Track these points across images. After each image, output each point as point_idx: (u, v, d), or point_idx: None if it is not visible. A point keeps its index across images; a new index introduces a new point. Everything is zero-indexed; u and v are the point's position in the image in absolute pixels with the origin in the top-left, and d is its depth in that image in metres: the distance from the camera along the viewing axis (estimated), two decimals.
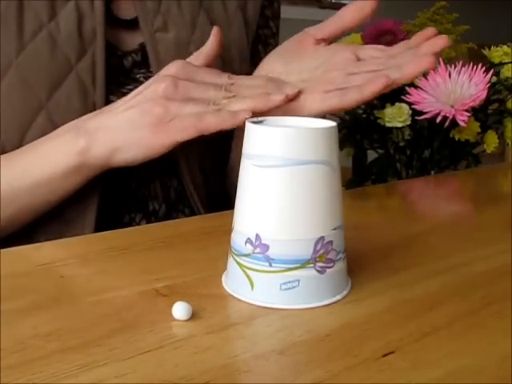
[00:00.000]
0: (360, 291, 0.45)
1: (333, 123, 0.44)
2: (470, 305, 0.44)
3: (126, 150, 0.57)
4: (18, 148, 0.61)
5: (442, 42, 0.57)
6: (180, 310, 0.40)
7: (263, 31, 0.78)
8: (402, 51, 0.59)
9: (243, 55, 0.73)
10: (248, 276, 0.43)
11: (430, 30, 0.59)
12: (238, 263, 0.44)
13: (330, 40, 0.63)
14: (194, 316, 0.40)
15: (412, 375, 0.35)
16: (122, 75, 0.67)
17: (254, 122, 0.44)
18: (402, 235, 0.60)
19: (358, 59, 0.60)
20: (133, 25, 0.67)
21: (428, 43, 0.58)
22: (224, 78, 0.58)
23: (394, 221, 0.67)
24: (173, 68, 0.58)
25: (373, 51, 0.61)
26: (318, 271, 0.42)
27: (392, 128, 0.94)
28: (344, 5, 0.62)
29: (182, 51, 0.66)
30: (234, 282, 0.45)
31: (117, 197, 0.67)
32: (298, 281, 0.42)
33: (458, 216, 0.70)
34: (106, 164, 0.58)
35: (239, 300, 0.43)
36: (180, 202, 0.71)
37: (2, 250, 0.51)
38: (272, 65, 0.64)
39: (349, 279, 0.46)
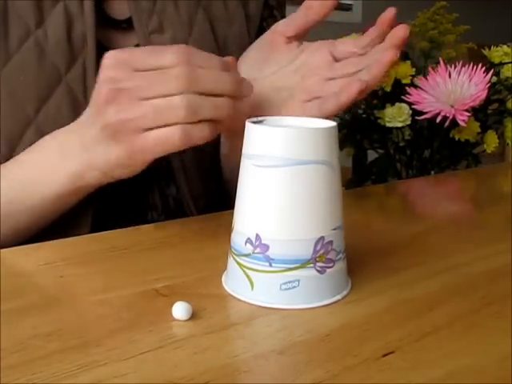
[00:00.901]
0: (360, 291, 0.45)
1: (333, 123, 0.44)
2: (470, 305, 0.44)
3: (119, 167, 0.53)
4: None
5: (401, 32, 0.56)
6: (180, 310, 0.40)
7: (267, 22, 0.76)
8: (371, 41, 0.57)
9: (244, 52, 0.72)
10: (248, 276, 0.43)
11: (388, 12, 0.57)
12: (238, 263, 0.44)
13: (301, 36, 0.61)
14: (194, 316, 0.40)
15: (412, 375, 0.35)
16: None
17: (253, 122, 0.44)
18: (402, 235, 0.60)
19: (335, 59, 0.59)
20: (127, 25, 0.65)
21: (388, 37, 0.56)
22: (168, 55, 0.49)
23: (394, 221, 0.67)
24: (109, 68, 0.50)
25: (347, 46, 0.59)
26: (318, 271, 0.42)
27: (392, 128, 0.94)
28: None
29: None
30: (233, 281, 0.45)
31: (114, 207, 0.65)
32: (298, 281, 0.42)
33: (458, 216, 0.70)
34: (105, 180, 0.55)
35: (239, 300, 0.43)
36: (180, 210, 0.69)
37: (2, 250, 0.51)
38: (248, 70, 0.60)
39: (349, 279, 0.46)
